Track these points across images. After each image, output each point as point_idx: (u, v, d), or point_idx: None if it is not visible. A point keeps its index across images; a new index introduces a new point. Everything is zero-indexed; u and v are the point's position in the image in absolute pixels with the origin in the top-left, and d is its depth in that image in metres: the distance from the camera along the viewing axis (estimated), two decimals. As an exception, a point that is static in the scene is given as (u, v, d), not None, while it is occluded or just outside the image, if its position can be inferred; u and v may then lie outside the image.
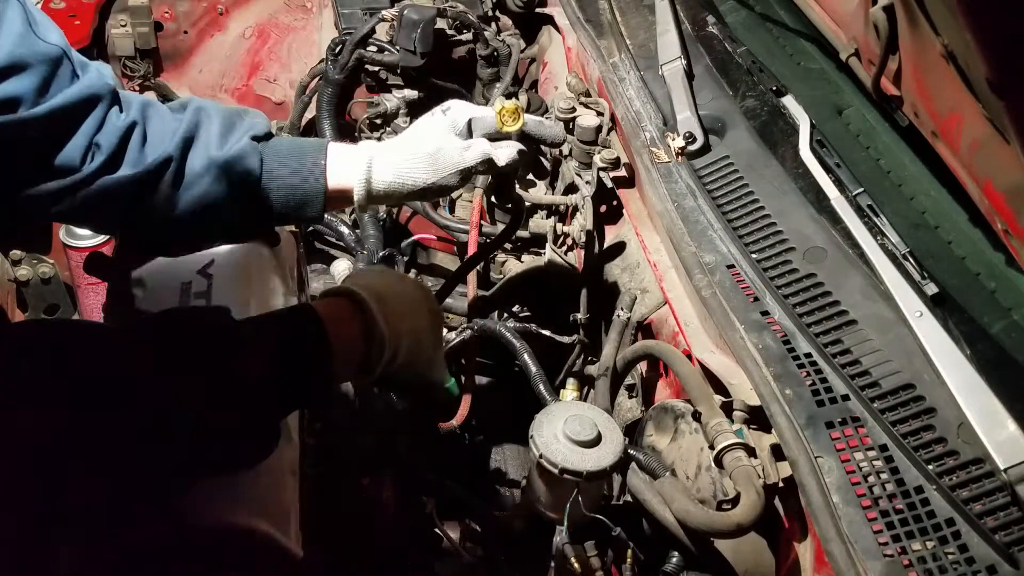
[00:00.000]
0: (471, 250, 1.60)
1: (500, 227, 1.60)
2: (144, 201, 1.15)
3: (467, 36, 2.03)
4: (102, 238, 1.99)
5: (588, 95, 1.74)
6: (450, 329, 1.67)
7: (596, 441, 1.17)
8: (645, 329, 1.50)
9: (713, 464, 1.14)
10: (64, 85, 1.09)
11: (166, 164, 1.14)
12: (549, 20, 2.12)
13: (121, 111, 1.15)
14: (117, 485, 0.94)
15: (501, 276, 1.74)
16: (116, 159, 1.13)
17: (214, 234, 1.21)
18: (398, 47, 1.90)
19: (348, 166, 1.22)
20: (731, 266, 1.35)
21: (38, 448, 0.84)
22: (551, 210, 1.74)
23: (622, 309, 1.47)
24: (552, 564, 1.29)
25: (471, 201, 1.69)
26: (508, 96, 1.79)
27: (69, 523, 0.94)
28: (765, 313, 1.27)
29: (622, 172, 1.63)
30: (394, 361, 1.11)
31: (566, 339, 1.64)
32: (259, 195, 1.19)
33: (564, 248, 1.73)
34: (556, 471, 1.15)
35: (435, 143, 1.22)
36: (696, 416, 1.21)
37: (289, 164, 1.20)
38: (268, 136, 1.22)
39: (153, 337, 0.95)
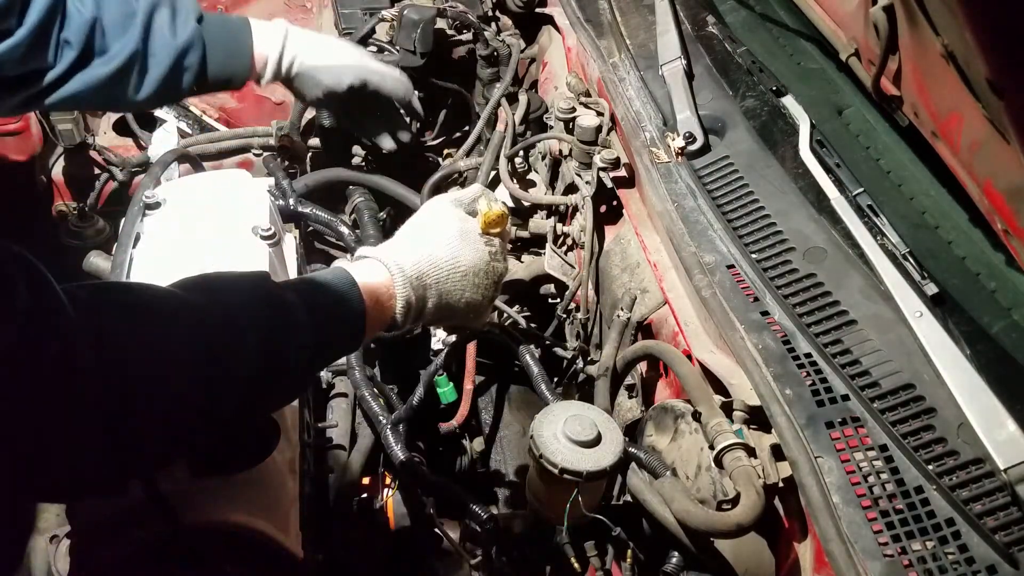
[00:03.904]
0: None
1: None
2: (114, 89, 1.36)
3: (467, 36, 2.03)
4: (102, 238, 2.00)
5: (588, 95, 1.74)
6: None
7: (596, 441, 1.17)
8: (645, 329, 1.50)
9: (713, 464, 1.14)
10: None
11: (134, 58, 1.35)
12: (549, 20, 2.12)
13: (80, 2, 1.30)
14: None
15: (501, 276, 1.74)
16: (87, 54, 1.31)
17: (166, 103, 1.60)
18: (398, 47, 1.90)
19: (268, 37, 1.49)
20: (731, 266, 1.35)
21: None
22: (551, 210, 1.75)
23: (622, 309, 1.47)
24: (552, 564, 1.29)
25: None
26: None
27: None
28: (765, 313, 1.27)
29: (622, 172, 1.63)
30: (423, 319, 1.19)
31: (568, 353, 1.64)
32: (204, 71, 1.44)
33: (564, 248, 1.73)
34: (556, 471, 1.15)
35: None
36: (696, 416, 1.21)
37: (225, 42, 1.46)
38: (200, 16, 1.44)
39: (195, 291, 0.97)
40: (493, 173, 1.78)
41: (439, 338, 1.76)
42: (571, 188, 1.70)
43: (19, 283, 0.75)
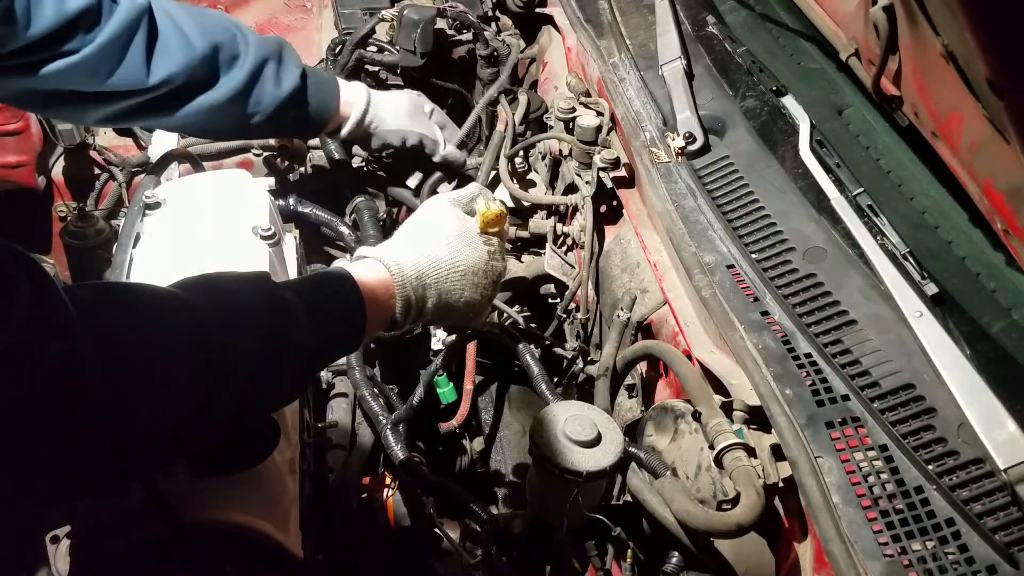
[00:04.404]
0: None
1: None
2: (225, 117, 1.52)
3: (467, 36, 2.03)
4: (102, 238, 1.99)
5: (588, 95, 1.74)
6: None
7: (596, 441, 1.17)
8: (645, 329, 1.50)
9: (713, 464, 1.14)
10: (107, 19, 1.32)
11: (244, 93, 1.50)
12: (549, 20, 2.11)
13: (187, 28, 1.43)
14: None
15: (501, 276, 1.74)
16: (202, 85, 1.46)
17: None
18: (398, 47, 1.90)
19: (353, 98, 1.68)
20: (731, 266, 1.35)
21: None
22: (551, 210, 1.74)
23: (622, 309, 1.47)
24: (552, 564, 1.29)
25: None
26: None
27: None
28: (765, 313, 1.27)
29: (622, 172, 1.63)
30: (422, 318, 1.19)
31: (568, 353, 1.64)
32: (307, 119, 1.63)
33: (564, 248, 1.73)
34: (556, 471, 1.15)
35: None
36: (696, 416, 1.21)
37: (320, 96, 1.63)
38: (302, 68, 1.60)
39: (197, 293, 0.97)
40: (493, 173, 1.78)
41: (439, 338, 1.76)
42: (571, 188, 1.70)
43: (21, 283, 0.75)
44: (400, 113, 1.74)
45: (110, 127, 2.13)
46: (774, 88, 1.55)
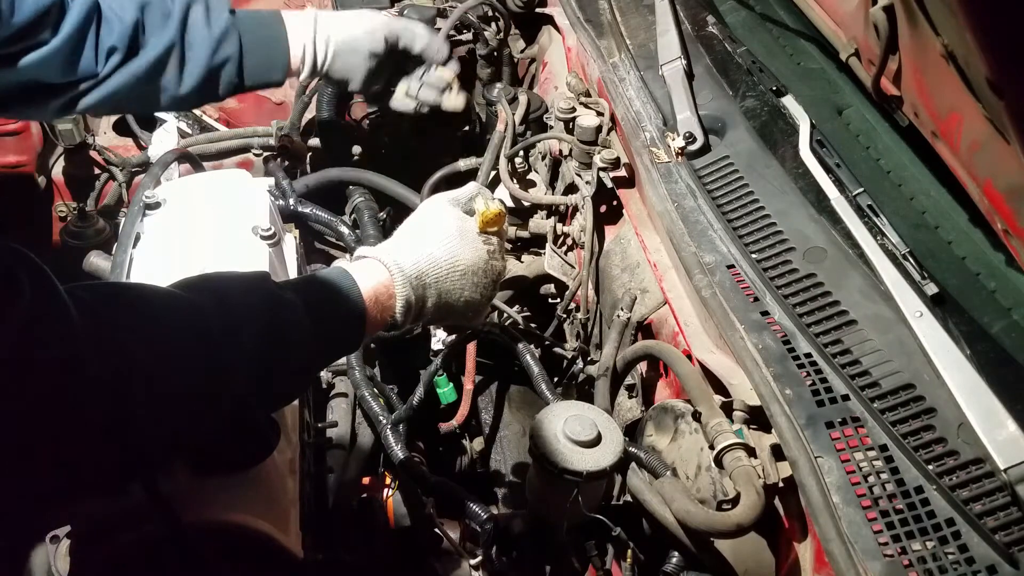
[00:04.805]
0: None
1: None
2: (153, 85, 1.39)
3: (467, 36, 2.03)
4: (102, 238, 2.00)
5: (588, 95, 1.74)
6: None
7: (596, 441, 1.17)
8: (645, 329, 1.50)
9: (713, 464, 1.14)
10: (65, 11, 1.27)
11: (170, 49, 1.37)
12: (549, 20, 2.11)
13: (120, 9, 1.34)
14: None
15: (501, 276, 1.74)
16: (131, 54, 1.35)
17: (209, 99, 1.51)
18: (398, 47, 1.90)
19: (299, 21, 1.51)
20: (731, 266, 1.35)
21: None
22: (551, 210, 1.75)
23: (622, 309, 1.47)
24: (552, 564, 1.29)
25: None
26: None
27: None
28: (765, 313, 1.27)
29: (622, 172, 1.63)
30: (422, 318, 1.18)
31: (568, 353, 1.64)
32: (241, 63, 1.45)
33: (564, 248, 1.73)
34: (556, 471, 1.15)
35: None
36: (696, 416, 1.21)
37: (259, 31, 1.47)
38: (232, 10, 1.46)
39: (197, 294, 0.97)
40: (493, 173, 1.78)
41: (439, 338, 1.76)
42: (571, 188, 1.70)
43: (23, 283, 0.76)
44: (355, 14, 1.60)
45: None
46: (774, 88, 1.55)
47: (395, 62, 1.61)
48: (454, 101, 1.66)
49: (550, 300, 1.81)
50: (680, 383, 1.27)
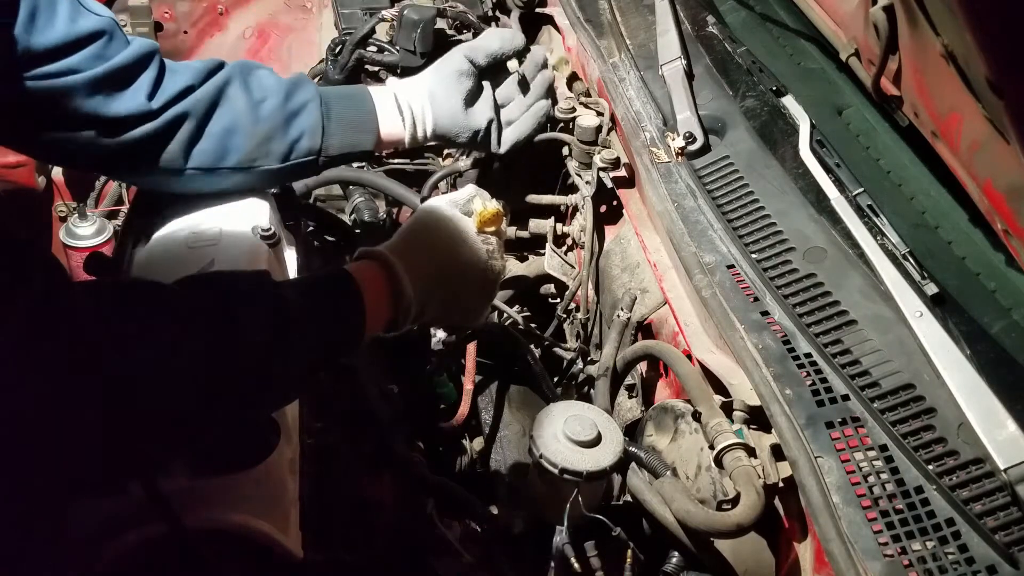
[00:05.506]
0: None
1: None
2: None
3: (467, 36, 2.03)
4: (102, 238, 2.00)
5: (588, 95, 1.74)
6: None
7: (596, 441, 1.17)
8: (645, 329, 1.50)
9: (713, 464, 1.14)
10: (120, 49, 1.21)
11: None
12: (549, 20, 2.12)
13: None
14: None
15: (501, 276, 1.74)
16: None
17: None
18: (398, 47, 1.90)
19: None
20: (731, 266, 1.35)
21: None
22: (551, 210, 1.74)
23: (622, 309, 1.47)
24: (552, 564, 1.29)
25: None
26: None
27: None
28: (765, 313, 1.27)
29: (622, 172, 1.63)
30: (422, 318, 1.18)
31: (568, 353, 1.64)
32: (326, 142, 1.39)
33: (564, 248, 1.73)
34: (556, 471, 1.15)
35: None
36: (696, 416, 1.21)
37: (344, 109, 1.41)
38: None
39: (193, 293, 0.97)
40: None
41: (439, 338, 1.76)
42: (571, 188, 1.70)
43: (34, 277, 0.76)
44: (456, 111, 1.48)
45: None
46: (774, 88, 1.55)
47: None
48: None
49: (550, 300, 1.81)
50: (680, 383, 1.27)
